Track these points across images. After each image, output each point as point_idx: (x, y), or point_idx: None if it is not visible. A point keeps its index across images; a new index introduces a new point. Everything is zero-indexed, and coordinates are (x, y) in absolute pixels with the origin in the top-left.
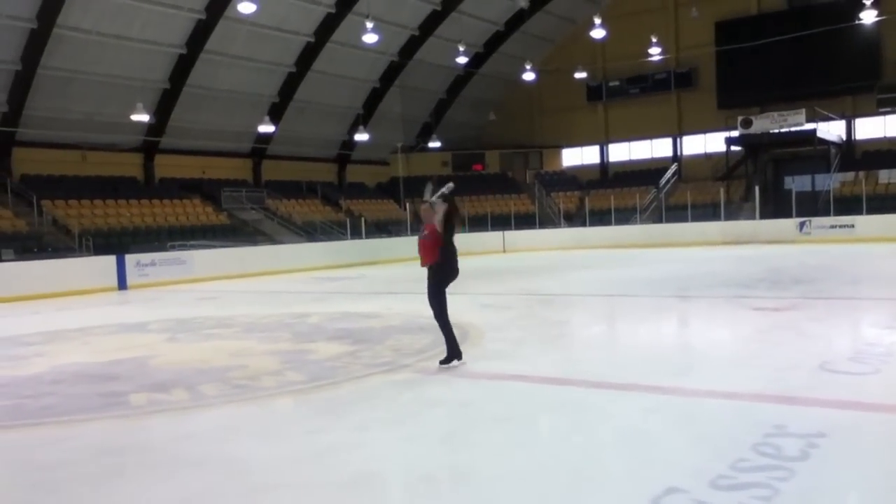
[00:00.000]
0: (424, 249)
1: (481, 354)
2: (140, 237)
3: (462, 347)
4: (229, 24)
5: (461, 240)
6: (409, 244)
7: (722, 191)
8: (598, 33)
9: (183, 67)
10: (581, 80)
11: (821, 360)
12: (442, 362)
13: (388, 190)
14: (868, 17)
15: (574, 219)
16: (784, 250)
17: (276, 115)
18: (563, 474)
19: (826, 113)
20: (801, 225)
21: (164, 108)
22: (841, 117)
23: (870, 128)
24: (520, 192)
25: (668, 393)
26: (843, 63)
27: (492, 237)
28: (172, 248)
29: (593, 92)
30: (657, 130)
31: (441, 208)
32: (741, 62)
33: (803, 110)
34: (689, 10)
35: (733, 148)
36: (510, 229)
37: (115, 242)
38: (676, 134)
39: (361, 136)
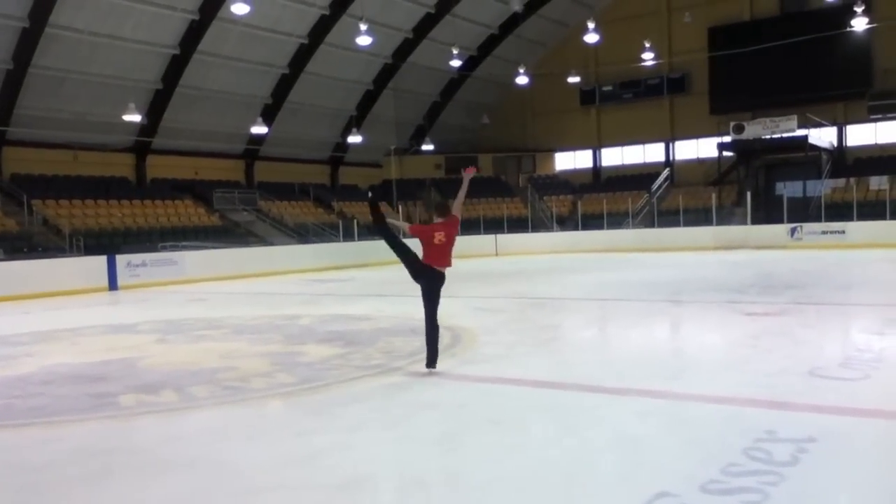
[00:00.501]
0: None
1: (474, 358)
2: (131, 238)
3: (454, 350)
4: (222, 24)
5: (458, 241)
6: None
7: (714, 196)
8: (591, 38)
9: (176, 68)
10: (574, 84)
11: (811, 366)
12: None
13: (381, 192)
14: (860, 24)
15: (566, 223)
16: (775, 256)
17: (268, 116)
18: (555, 478)
19: (818, 119)
20: (793, 231)
21: (156, 108)
22: (832, 124)
23: (861, 134)
24: (513, 195)
25: (659, 397)
26: (835, 70)
27: (484, 240)
28: (164, 248)
29: (586, 96)
30: (650, 135)
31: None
32: (734, 68)
33: (795, 116)
34: (683, 16)
35: (725, 153)
36: (503, 233)
37: (107, 243)
38: (669, 139)
39: (354, 139)
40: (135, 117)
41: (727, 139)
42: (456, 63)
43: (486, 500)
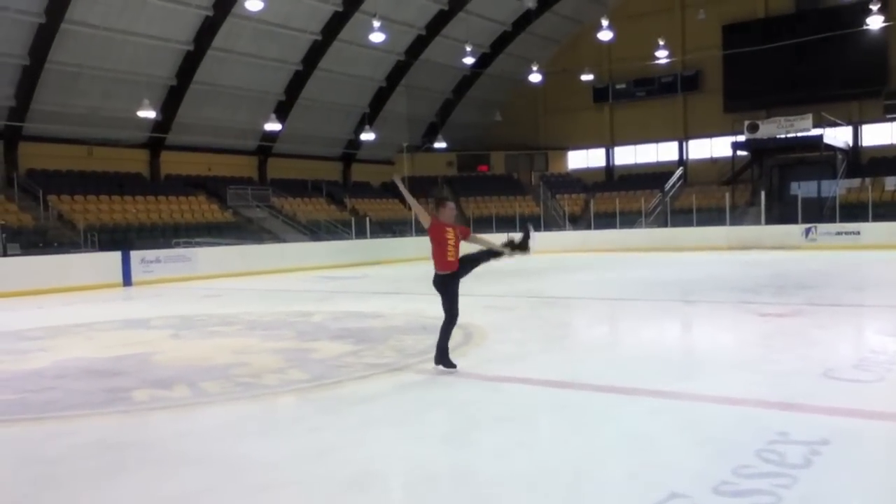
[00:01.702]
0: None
1: (484, 355)
2: (145, 233)
3: (465, 349)
4: (236, 20)
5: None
6: (413, 244)
7: (727, 195)
8: (604, 35)
9: (190, 64)
10: (587, 81)
11: (825, 367)
12: (447, 365)
13: (393, 190)
14: (875, 22)
15: (579, 221)
16: (789, 256)
17: (282, 112)
18: (565, 477)
19: (833, 118)
20: (807, 231)
21: (170, 104)
22: (847, 123)
23: (877, 134)
24: (525, 193)
25: (671, 397)
26: (850, 68)
27: (496, 239)
28: (177, 244)
29: (599, 94)
30: (663, 134)
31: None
32: (748, 66)
33: (810, 115)
34: (696, 13)
35: (739, 152)
36: (515, 231)
37: (121, 238)
38: (682, 137)
39: (367, 136)
40: (149, 113)
41: (741, 138)
42: (469, 60)
43: (495, 497)
